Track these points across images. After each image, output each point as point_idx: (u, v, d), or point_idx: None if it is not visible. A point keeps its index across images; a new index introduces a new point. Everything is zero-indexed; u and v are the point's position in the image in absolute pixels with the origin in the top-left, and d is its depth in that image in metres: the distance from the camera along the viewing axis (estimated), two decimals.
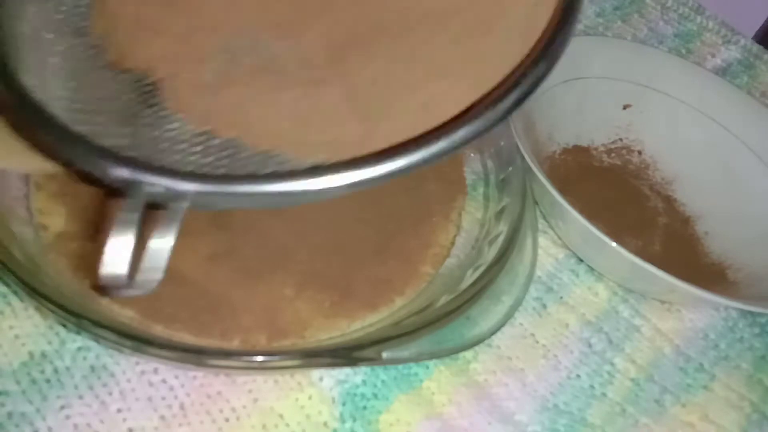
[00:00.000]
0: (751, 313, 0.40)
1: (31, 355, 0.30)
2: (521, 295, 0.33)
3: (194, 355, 0.27)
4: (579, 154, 0.45)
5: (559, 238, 0.40)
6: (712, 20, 0.58)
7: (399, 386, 0.33)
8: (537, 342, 0.36)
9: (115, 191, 0.24)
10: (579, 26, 0.54)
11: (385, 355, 0.29)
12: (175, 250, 0.32)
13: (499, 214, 0.36)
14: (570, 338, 0.37)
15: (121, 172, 0.24)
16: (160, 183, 0.23)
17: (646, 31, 0.56)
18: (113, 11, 0.28)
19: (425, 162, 0.25)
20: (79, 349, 0.31)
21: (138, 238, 0.23)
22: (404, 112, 0.26)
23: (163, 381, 0.31)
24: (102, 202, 0.33)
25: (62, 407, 0.29)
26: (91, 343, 0.31)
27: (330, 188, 0.24)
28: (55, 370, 0.30)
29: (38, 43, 0.27)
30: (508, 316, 0.33)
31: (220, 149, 0.25)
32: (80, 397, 0.30)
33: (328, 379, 0.32)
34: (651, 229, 0.42)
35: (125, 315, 0.30)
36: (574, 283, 0.39)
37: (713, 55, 0.56)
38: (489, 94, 0.26)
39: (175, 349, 0.27)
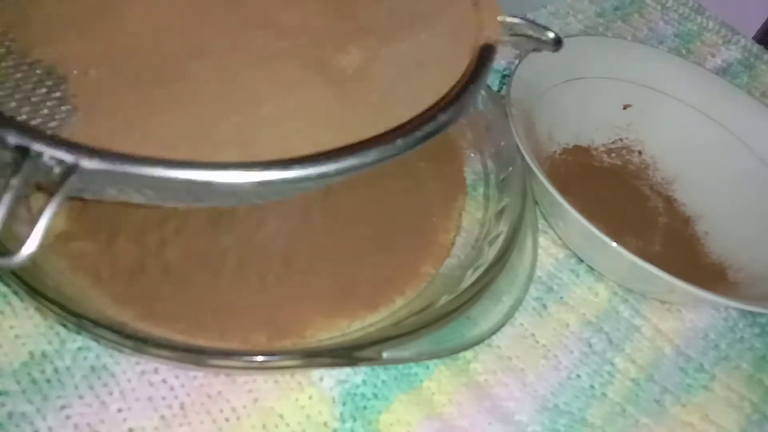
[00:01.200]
0: (752, 313, 0.40)
1: (31, 355, 0.30)
2: (521, 295, 0.33)
3: (194, 355, 0.27)
4: (579, 154, 0.45)
5: (560, 238, 0.40)
6: (712, 20, 0.58)
7: (399, 386, 0.33)
8: (537, 342, 0.36)
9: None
10: (579, 26, 0.54)
11: (385, 355, 0.29)
12: (175, 249, 0.32)
13: (500, 214, 0.36)
14: (570, 338, 0.37)
15: (7, 136, 0.22)
16: (53, 154, 0.22)
17: (647, 31, 0.56)
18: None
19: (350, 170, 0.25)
20: (80, 349, 0.31)
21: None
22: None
23: (164, 381, 0.31)
24: (103, 204, 0.33)
25: (62, 407, 0.29)
26: (92, 343, 0.31)
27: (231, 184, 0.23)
28: (56, 370, 0.30)
29: None
30: (509, 316, 0.33)
31: None
32: (80, 397, 0.30)
33: (329, 379, 0.32)
34: (651, 229, 0.42)
35: (125, 315, 0.30)
36: (575, 283, 0.39)
37: (713, 55, 0.56)
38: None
39: (176, 349, 0.27)
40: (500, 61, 0.49)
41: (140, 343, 0.27)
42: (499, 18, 0.31)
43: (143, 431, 0.29)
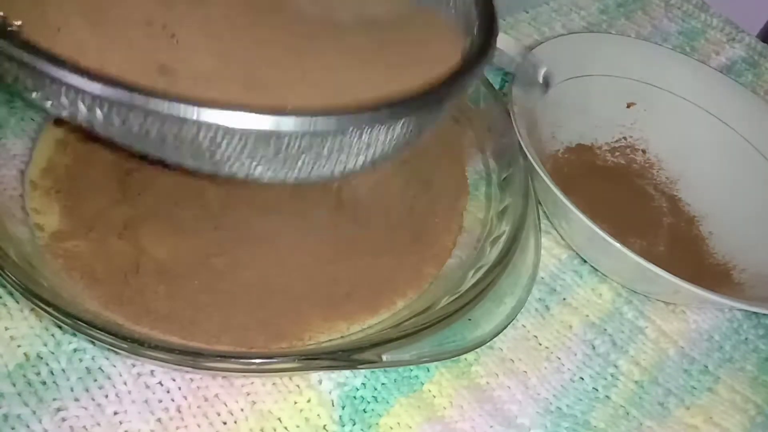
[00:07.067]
0: (756, 314, 0.40)
1: (26, 356, 0.30)
2: (524, 297, 0.33)
3: (191, 358, 0.27)
4: (582, 152, 0.44)
5: (562, 238, 0.40)
6: (716, 18, 0.57)
7: (399, 389, 0.32)
8: (540, 344, 0.36)
9: None
10: (582, 23, 0.54)
11: (385, 357, 0.29)
12: (170, 249, 0.32)
13: (502, 213, 0.35)
14: (573, 340, 0.36)
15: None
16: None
17: (650, 29, 0.56)
18: None
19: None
20: (75, 350, 0.31)
21: None
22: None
23: (160, 383, 0.30)
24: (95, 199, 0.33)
25: (58, 409, 0.29)
26: (87, 345, 0.31)
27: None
28: (51, 372, 0.30)
29: None
30: (511, 318, 0.32)
31: None
32: (76, 400, 0.29)
33: (328, 382, 0.32)
34: (655, 229, 0.42)
35: (121, 316, 0.30)
36: (578, 285, 0.38)
37: (717, 53, 0.55)
38: None
39: (172, 351, 0.27)
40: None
41: (136, 344, 0.27)
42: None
43: None
